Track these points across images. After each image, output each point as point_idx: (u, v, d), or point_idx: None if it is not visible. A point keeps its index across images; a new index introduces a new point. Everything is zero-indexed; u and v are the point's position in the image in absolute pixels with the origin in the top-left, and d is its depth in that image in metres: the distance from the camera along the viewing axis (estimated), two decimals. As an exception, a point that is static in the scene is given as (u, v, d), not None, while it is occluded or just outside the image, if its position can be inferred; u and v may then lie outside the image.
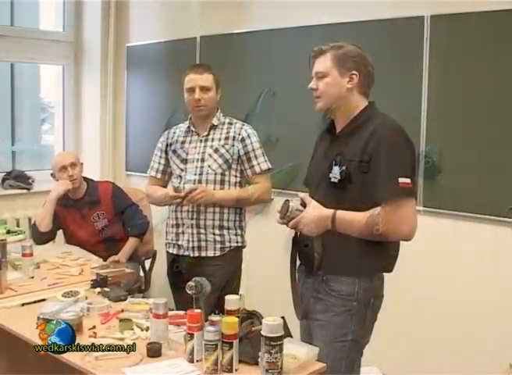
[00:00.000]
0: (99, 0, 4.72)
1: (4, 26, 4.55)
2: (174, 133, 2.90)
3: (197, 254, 2.74)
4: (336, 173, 1.97)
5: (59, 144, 5.00)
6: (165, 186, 2.92)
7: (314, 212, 1.95)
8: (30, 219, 4.36)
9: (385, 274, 2.05)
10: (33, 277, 2.72)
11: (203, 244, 2.73)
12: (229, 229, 2.76)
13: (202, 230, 2.72)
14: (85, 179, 3.53)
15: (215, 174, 2.72)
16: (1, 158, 4.94)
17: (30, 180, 4.60)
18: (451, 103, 3.12)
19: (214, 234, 2.73)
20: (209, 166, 2.73)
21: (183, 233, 2.76)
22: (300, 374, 1.79)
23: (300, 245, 2.09)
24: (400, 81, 3.28)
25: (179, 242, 2.78)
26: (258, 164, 2.77)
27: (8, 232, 3.40)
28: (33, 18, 5.13)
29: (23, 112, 5.24)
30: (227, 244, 2.75)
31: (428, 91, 3.15)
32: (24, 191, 4.53)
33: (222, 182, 2.73)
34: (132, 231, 3.56)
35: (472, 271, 3.09)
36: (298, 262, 2.14)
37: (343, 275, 1.98)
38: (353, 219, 1.92)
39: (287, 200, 2.00)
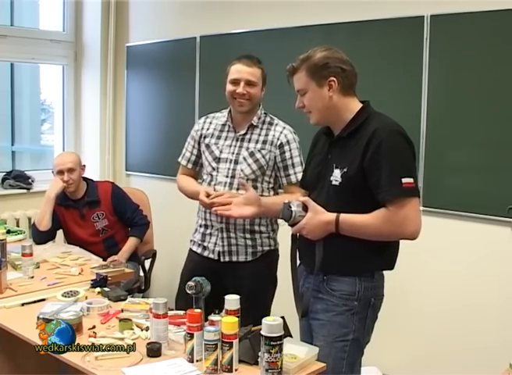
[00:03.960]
0: (99, 0, 4.72)
1: (4, 26, 4.55)
2: (210, 123, 2.69)
3: (227, 259, 2.56)
4: (337, 176, 1.96)
5: (59, 144, 5.00)
6: (196, 176, 2.77)
7: (318, 218, 1.95)
8: (30, 219, 4.37)
9: (385, 274, 2.05)
10: (33, 277, 2.72)
11: (233, 248, 2.56)
12: (261, 233, 2.58)
13: (232, 235, 2.55)
14: (85, 179, 3.53)
15: (247, 179, 2.52)
16: (1, 158, 4.95)
17: (30, 180, 4.60)
18: (451, 103, 3.12)
19: (245, 239, 2.55)
20: (242, 170, 2.53)
21: (210, 235, 2.60)
22: (300, 374, 1.79)
23: (301, 244, 2.09)
24: (400, 81, 3.28)
25: (205, 244, 2.62)
26: (295, 173, 2.54)
27: (9, 232, 3.39)
28: (33, 18, 5.13)
29: (23, 112, 5.25)
30: (259, 248, 2.57)
31: (428, 91, 3.15)
32: (24, 190, 4.54)
33: (255, 187, 2.50)
34: (132, 231, 3.56)
35: (472, 271, 3.09)
36: (298, 262, 2.14)
37: (344, 275, 1.98)
38: (357, 221, 1.92)
39: (288, 205, 1.98)
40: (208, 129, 2.68)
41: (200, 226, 2.66)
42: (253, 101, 2.55)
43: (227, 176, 2.56)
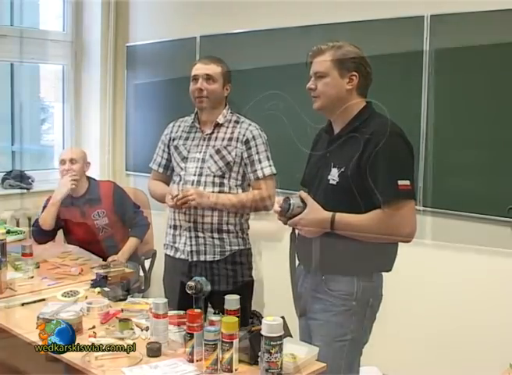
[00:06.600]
0: (99, 0, 4.73)
1: (4, 26, 4.55)
2: (179, 126, 2.75)
3: (195, 258, 2.59)
4: (334, 175, 1.97)
5: (59, 144, 5.00)
6: (167, 181, 2.80)
7: (313, 215, 1.95)
8: (29, 219, 4.37)
9: (386, 274, 2.05)
10: (33, 277, 2.72)
11: (201, 248, 2.58)
12: (229, 232, 2.60)
13: (200, 234, 2.58)
14: (87, 177, 3.54)
15: (214, 176, 2.57)
16: (1, 158, 4.94)
17: (30, 180, 4.60)
18: (451, 103, 3.12)
19: (213, 238, 2.58)
20: (209, 168, 2.58)
21: (179, 235, 2.63)
22: (300, 374, 1.79)
23: (299, 244, 2.09)
24: (399, 81, 3.28)
25: (176, 245, 2.64)
26: (261, 169, 2.59)
27: (8, 232, 3.39)
28: (33, 18, 5.13)
29: (23, 112, 5.24)
30: (227, 247, 2.59)
31: (428, 91, 3.15)
32: (24, 190, 4.53)
33: (222, 185, 2.58)
34: (133, 232, 3.56)
35: (472, 271, 3.09)
36: (297, 262, 2.14)
37: (342, 274, 1.98)
38: (353, 221, 1.92)
39: (287, 197, 1.99)
40: (176, 132, 2.75)
41: (170, 227, 2.69)
42: (211, 97, 2.60)
43: (194, 175, 2.60)
